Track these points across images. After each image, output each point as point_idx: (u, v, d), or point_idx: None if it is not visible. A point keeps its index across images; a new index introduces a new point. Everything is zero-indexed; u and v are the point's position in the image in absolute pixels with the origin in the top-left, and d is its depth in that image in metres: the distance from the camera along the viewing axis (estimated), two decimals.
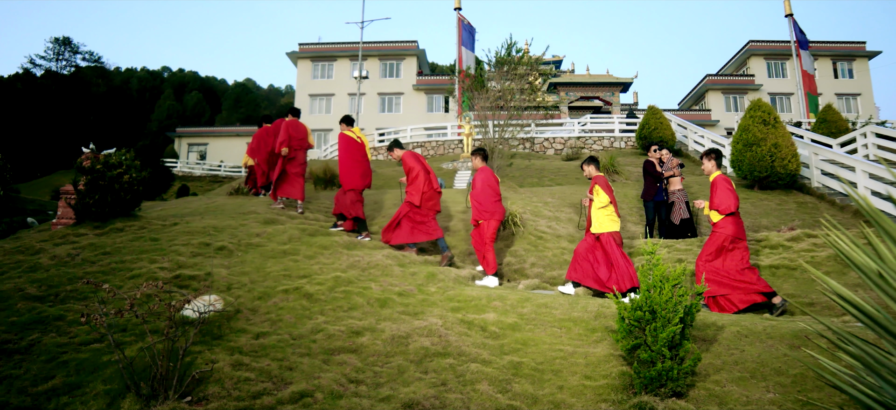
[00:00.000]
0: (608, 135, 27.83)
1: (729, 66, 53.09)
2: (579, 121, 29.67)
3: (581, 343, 5.53)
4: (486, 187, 8.41)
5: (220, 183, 41.44)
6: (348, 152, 9.71)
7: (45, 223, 12.52)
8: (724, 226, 7.15)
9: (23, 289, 6.68)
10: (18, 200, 19.55)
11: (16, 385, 4.73)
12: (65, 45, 79.17)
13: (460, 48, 29.92)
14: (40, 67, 76.58)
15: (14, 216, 15.62)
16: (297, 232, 8.97)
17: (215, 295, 6.22)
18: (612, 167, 17.77)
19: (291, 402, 4.32)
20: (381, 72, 51.75)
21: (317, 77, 52.42)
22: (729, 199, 7.14)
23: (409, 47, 51.67)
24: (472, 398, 4.45)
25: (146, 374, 4.65)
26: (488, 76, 16.66)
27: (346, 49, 51.82)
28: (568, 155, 24.69)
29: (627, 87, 40.37)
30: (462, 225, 10.75)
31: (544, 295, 7.02)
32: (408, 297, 6.70)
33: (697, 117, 46.64)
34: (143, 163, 10.63)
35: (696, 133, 23.14)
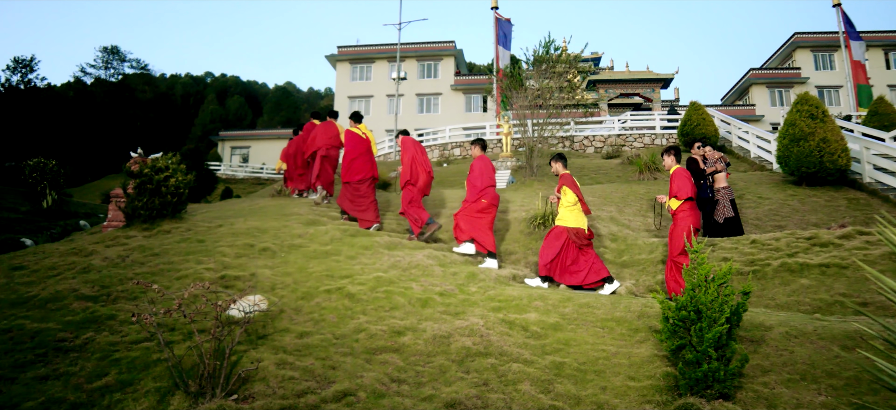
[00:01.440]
0: (649, 132, 27.42)
1: (773, 60, 51.77)
2: (619, 119, 29.31)
3: (624, 344, 5.46)
4: (481, 173, 9.07)
5: (262, 185, 42.16)
6: (352, 147, 10.31)
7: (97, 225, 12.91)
8: (683, 217, 7.66)
9: (77, 290, 6.91)
10: (71, 204, 20.22)
11: (72, 382, 4.90)
12: (113, 53, 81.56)
13: (498, 47, 29.84)
14: (90, 76, 79.12)
15: (68, 219, 16.16)
16: (339, 232, 9.07)
17: (260, 295, 6.33)
18: (654, 165, 17.49)
19: (335, 401, 4.37)
20: (418, 73, 51.95)
21: (355, 79, 52.91)
22: (686, 186, 7.71)
23: (446, 47, 51.76)
24: (513, 398, 4.44)
25: (194, 372, 4.76)
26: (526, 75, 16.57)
27: (383, 50, 52.16)
28: (608, 153, 24.39)
29: (668, 84, 39.69)
30: (501, 224, 10.72)
31: (586, 295, 6.96)
32: (449, 297, 6.72)
33: (741, 112, 45.61)
34: (188, 167, 10.89)
35: (739, 129, 22.63)
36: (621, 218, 11.73)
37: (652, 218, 11.67)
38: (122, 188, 10.51)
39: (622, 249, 9.68)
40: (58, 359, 5.33)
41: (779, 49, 50.90)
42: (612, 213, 11.95)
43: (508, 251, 9.68)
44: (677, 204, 7.76)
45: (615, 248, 9.75)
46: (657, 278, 8.37)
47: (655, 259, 9.02)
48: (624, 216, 11.89)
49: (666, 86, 40.02)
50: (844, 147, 14.06)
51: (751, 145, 21.10)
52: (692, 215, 7.71)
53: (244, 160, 56.78)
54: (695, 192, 7.78)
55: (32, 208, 17.53)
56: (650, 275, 8.53)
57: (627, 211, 12.29)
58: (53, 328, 5.88)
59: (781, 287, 7.56)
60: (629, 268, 9.02)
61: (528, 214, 10.69)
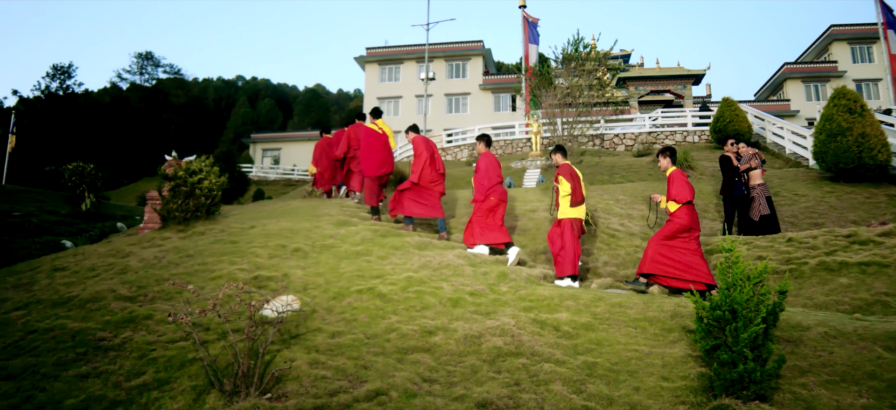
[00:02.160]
0: (681, 129, 27.04)
1: (809, 54, 50.67)
2: (650, 116, 28.98)
3: (657, 344, 5.41)
4: (488, 169, 9.11)
5: (293, 186, 42.60)
6: (369, 142, 10.55)
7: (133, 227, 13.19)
8: (680, 216, 7.68)
9: (115, 290, 7.07)
10: (109, 207, 20.68)
11: (111, 380, 5.02)
12: (147, 59, 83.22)
13: (527, 46, 29.72)
14: (126, 81, 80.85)
15: (105, 221, 16.53)
16: (370, 233, 9.12)
17: (292, 296, 6.40)
18: (686, 162, 17.26)
19: (367, 400, 4.40)
20: (447, 73, 52.00)
21: (384, 80, 53.17)
22: (684, 190, 7.68)
23: (474, 47, 51.72)
24: (545, 398, 4.43)
25: (228, 371, 4.84)
26: (555, 73, 16.49)
27: (412, 51, 52.32)
28: (639, 150, 24.11)
29: (700, 80, 39.07)
30: (532, 224, 10.68)
31: (618, 295, 6.90)
32: (480, 297, 6.71)
33: (775, 108, 44.72)
34: (221, 169, 11.07)
35: (774, 125, 22.22)
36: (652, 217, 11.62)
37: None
38: (158, 191, 10.72)
39: None
40: (98, 358, 5.46)
41: (814, 42, 49.80)
42: (643, 212, 11.83)
43: (539, 250, 9.64)
44: (676, 206, 7.77)
45: None
46: None
47: None
48: (656, 215, 11.77)
49: (697, 83, 39.43)
50: (884, 142, 13.71)
51: (786, 141, 20.70)
52: (689, 217, 7.71)
53: (275, 162, 57.46)
54: (693, 195, 7.79)
55: (72, 211, 17.97)
56: None
57: (659, 209, 12.16)
58: (93, 327, 6.02)
59: (819, 286, 7.40)
60: None
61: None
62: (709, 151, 21.90)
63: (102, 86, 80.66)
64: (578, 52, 15.30)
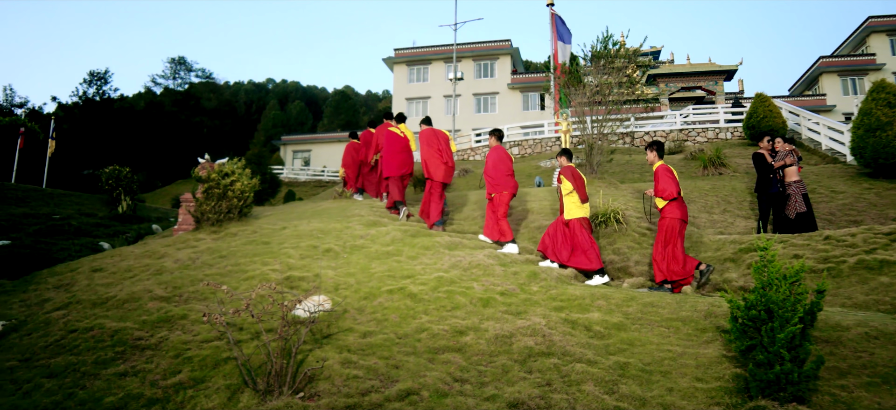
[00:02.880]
0: (712, 126, 26.62)
1: (845, 47, 49.46)
2: (681, 113, 28.59)
3: (691, 344, 5.34)
4: (498, 163, 9.23)
5: (323, 187, 42.95)
6: (389, 144, 10.95)
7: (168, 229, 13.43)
8: (671, 213, 7.90)
9: (151, 291, 7.21)
10: (144, 209, 21.10)
11: (148, 379, 5.12)
12: (180, 63, 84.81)
13: (555, 44, 29.53)
14: (159, 86, 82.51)
15: (141, 223, 16.86)
16: (400, 233, 9.16)
17: (324, 296, 6.46)
18: (718, 159, 16.98)
19: (398, 400, 4.42)
20: (475, 73, 51.95)
21: (412, 81, 53.32)
22: (670, 186, 7.86)
23: (502, 46, 51.59)
24: (577, 398, 4.40)
25: (262, 371, 4.90)
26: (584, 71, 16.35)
27: (440, 51, 52.38)
28: (670, 148, 23.80)
29: (732, 75, 38.47)
30: None
31: (650, 294, 6.82)
32: (510, 297, 6.70)
33: (810, 103, 43.76)
34: (253, 171, 11.23)
35: (809, 120, 21.74)
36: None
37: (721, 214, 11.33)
38: (192, 193, 10.91)
39: (687, 247, 9.44)
40: (135, 357, 5.58)
41: (851, 35, 48.60)
42: None
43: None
44: (663, 203, 7.97)
45: None
46: (724, 276, 8.13)
47: (722, 256, 8.77)
48: (688, 213, 11.61)
49: (729, 79, 38.82)
50: None
51: (822, 137, 20.26)
52: (679, 211, 7.94)
53: (306, 163, 58.00)
54: (679, 190, 7.96)
55: (109, 213, 18.36)
56: (717, 273, 8.29)
57: (691, 207, 11.98)
58: (130, 327, 6.15)
59: (859, 285, 7.22)
60: None
61: (589, 213, 10.54)
62: (742, 148, 21.52)
63: (137, 91, 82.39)
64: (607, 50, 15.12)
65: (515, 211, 11.45)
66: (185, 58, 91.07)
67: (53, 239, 14.16)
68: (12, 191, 21.34)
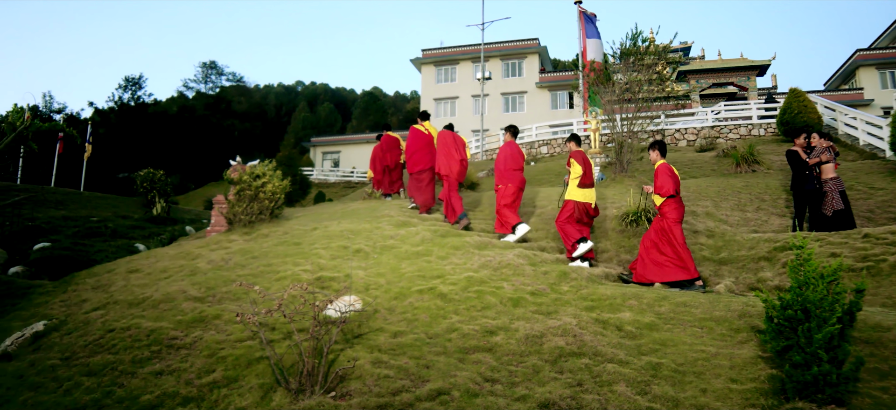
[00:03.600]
0: (745, 122, 26.15)
1: (883, 39, 48.18)
2: (712, 110, 28.15)
3: (724, 344, 5.26)
4: (508, 158, 9.58)
5: (353, 188, 43.25)
6: (414, 142, 11.17)
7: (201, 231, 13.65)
8: (669, 210, 8.03)
9: (186, 291, 7.34)
10: (178, 211, 21.48)
11: (183, 377, 5.22)
12: (211, 67, 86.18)
13: (584, 41, 29.31)
14: (191, 90, 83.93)
15: (175, 225, 17.17)
16: (430, 233, 9.18)
17: (354, 296, 6.51)
18: (751, 156, 16.68)
19: (429, 399, 4.43)
20: (503, 72, 51.82)
21: (440, 81, 53.39)
22: (668, 183, 8.02)
23: (530, 45, 51.37)
24: (609, 399, 4.37)
25: (294, 370, 4.96)
26: (613, 68, 16.21)
27: (467, 51, 52.36)
28: (701, 145, 23.45)
29: (764, 70, 37.74)
30: (595, 221, 10.53)
31: (683, 294, 6.74)
32: (541, 296, 6.67)
33: (847, 97, 42.71)
34: (283, 173, 11.36)
35: (846, 115, 21.24)
36: (718, 213, 11.27)
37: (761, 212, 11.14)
38: (224, 195, 11.07)
39: (720, 246, 9.31)
40: (170, 356, 5.69)
41: (890, 26, 47.29)
42: (707, 208, 11.51)
43: (601, 249, 9.50)
44: (660, 200, 8.11)
45: (712, 245, 9.38)
46: (758, 275, 8.00)
47: (756, 255, 8.61)
48: (721, 211, 11.42)
49: (762, 74, 38.09)
50: None
51: (859, 132, 19.77)
52: (676, 210, 8.07)
53: (335, 164, 58.47)
54: (677, 189, 8.09)
55: (144, 215, 18.74)
56: (751, 273, 8.16)
57: (724, 205, 11.80)
58: (166, 327, 6.27)
59: None
60: (728, 265, 8.66)
61: (619, 211, 10.44)
62: (776, 145, 21.12)
63: (170, 96, 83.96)
64: (637, 47, 14.96)
65: (547, 210, 11.40)
66: (216, 62, 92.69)
67: (91, 241, 14.50)
68: (52, 195, 21.89)
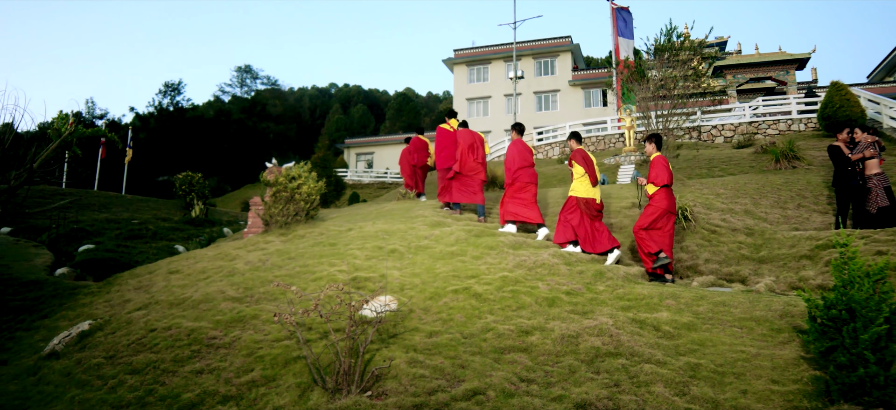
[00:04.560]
0: (784, 117, 25.58)
1: None
2: (750, 105, 27.60)
3: (765, 345, 5.15)
4: (516, 156, 9.83)
5: (386, 189, 43.50)
6: (442, 140, 11.46)
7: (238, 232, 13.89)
8: (659, 200, 8.22)
9: (224, 291, 7.47)
10: (215, 213, 21.87)
11: (223, 376, 5.31)
12: (246, 72, 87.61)
13: (617, 38, 29.04)
14: (227, 94, 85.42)
15: (213, 227, 17.49)
16: (464, 233, 9.19)
17: (390, 296, 6.55)
18: (791, 152, 16.31)
19: (465, 399, 4.43)
20: (535, 71, 51.59)
21: (472, 81, 53.38)
22: (662, 174, 8.27)
23: (562, 43, 51.04)
24: (647, 400, 4.32)
25: (330, 369, 5.01)
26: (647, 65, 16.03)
27: (499, 51, 52.26)
28: (739, 142, 23.02)
29: (804, 64, 36.84)
30: (628, 220, 10.42)
31: (721, 293, 6.63)
32: (576, 296, 6.63)
33: (892, 90, 41.45)
34: (318, 174, 11.49)
35: (891, 108, 20.64)
36: (757, 211, 11.05)
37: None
38: (260, 197, 11.23)
39: (759, 244, 9.13)
40: (210, 355, 5.80)
41: None
42: (746, 206, 11.29)
43: (635, 248, 9.40)
44: (654, 189, 8.36)
45: (751, 243, 9.21)
46: (800, 274, 7.82)
47: (798, 253, 8.42)
48: (760, 209, 11.20)
49: (801, 67, 37.21)
50: None
51: None
52: (667, 200, 8.27)
53: (369, 165, 58.90)
54: (671, 180, 8.32)
55: (183, 217, 19.12)
56: (792, 271, 7.98)
57: (763, 203, 11.56)
58: (206, 326, 6.39)
59: None
60: (768, 264, 8.49)
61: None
62: (816, 140, 20.62)
63: (206, 100, 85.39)
64: (671, 43, 14.76)
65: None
66: (251, 66, 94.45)
67: (133, 242, 14.85)
68: (95, 198, 22.49)
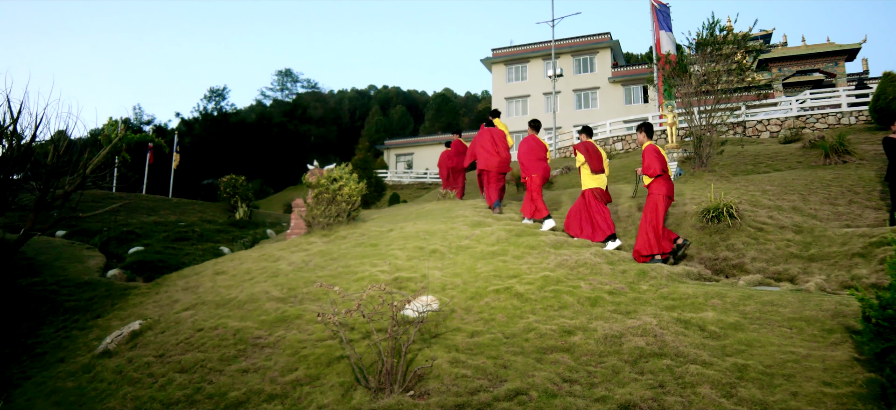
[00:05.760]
0: (833, 111, 24.80)
1: None
2: (797, 99, 26.84)
3: (816, 346, 5.01)
4: (528, 151, 10.35)
5: (426, 189, 43.63)
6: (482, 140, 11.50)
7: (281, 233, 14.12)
8: (657, 189, 8.47)
9: (268, 292, 7.61)
10: (259, 215, 22.26)
11: (268, 375, 5.42)
12: (287, 75, 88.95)
13: (657, 34, 28.52)
14: (268, 98, 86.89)
15: (256, 228, 17.81)
16: (505, 233, 9.17)
17: (431, 296, 6.58)
18: (842, 147, 15.80)
19: (507, 399, 4.43)
20: (574, 69, 51.15)
21: (511, 80, 53.21)
22: (654, 164, 8.45)
23: (601, 40, 50.49)
24: (693, 402, 4.25)
25: (373, 369, 5.07)
26: (689, 60, 15.72)
27: (537, 49, 51.97)
28: (786, 137, 22.39)
29: (854, 55, 35.65)
30: (672, 219, 10.26)
31: (769, 292, 6.46)
32: (619, 296, 6.55)
33: None
34: (359, 176, 11.62)
35: None
36: (806, 207, 10.74)
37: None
38: (302, 198, 11.40)
39: (809, 242, 8.87)
40: (255, 354, 5.92)
41: None
42: (794, 203, 10.98)
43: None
44: (649, 180, 8.58)
45: (800, 241, 8.95)
46: (853, 272, 7.57)
47: (850, 251, 8.15)
48: (809, 205, 10.88)
49: (851, 59, 36.02)
50: None
51: None
52: (664, 188, 8.48)
53: (408, 166, 59.19)
54: (663, 168, 8.47)
55: (228, 220, 19.53)
56: (844, 270, 7.73)
57: (812, 199, 11.23)
58: (251, 326, 6.52)
59: None
60: (818, 263, 8.24)
61: (699, 207, 10.13)
62: (869, 133, 19.93)
63: (249, 104, 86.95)
64: (714, 37, 14.45)
65: (623, 208, 11.19)
66: (291, 70, 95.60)
67: (180, 244, 15.22)
68: (144, 202, 23.14)
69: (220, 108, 73.15)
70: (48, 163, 9.49)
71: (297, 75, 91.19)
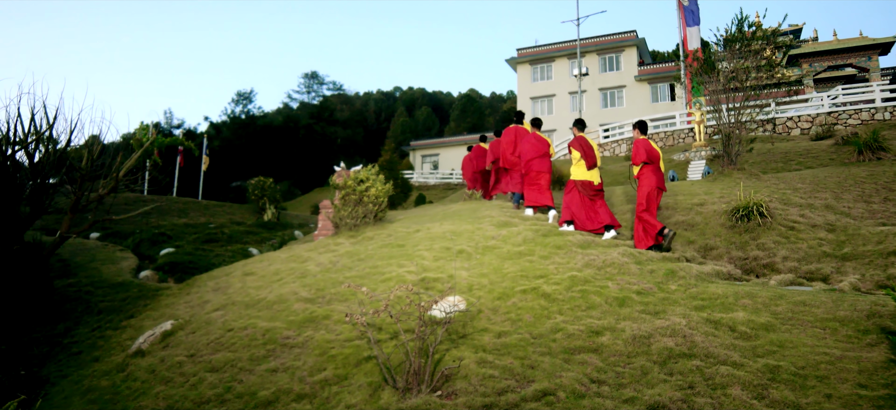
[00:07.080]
0: (867, 106, 24.25)
1: None
2: (828, 94, 26.33)
3: (851, 347, 4.92)
4: (527, 149, 10.72)
5: (452, 190, 43.67)
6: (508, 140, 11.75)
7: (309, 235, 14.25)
8: (646, 177, 8.93)
9: (297, 293, 7.69)
10: (286, 216, 22.50)
11: (296, 375, 5.48)
12: (313, 78, 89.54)
13: (685, 31, 28.25)
14: (295, 100, 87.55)
15: (284, 230, 18.01)
16: (531, 233, 9.15)
17: (458, 296, 6.59)
18: (876, 143, 15.47)
19: (535, 400, 4.43)
20: (600, 67, 50.74)
21: (536, 79, 52.97)
22: (640, 154, 8.99)
23: (627, 38, 50.01)
24: (723, 403, 4.20)
25: (400, 369, 5.10)
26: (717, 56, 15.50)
27: (563, 48, 51.67)
28: (817, 133, 21.98)
29: (888, 49, 34.76)
30: (700, 218, 10.14)
31: (801, 292, 6.36)
32: (647, 296, 6.50)
33: None
34: (385, 177, 11.68)
35: None
36: (839, 205, 10.53)
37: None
38: (330, 200, 11.50)
39: (842, 240, 8.70)
40: (284, 354, 5.99)
41: None
42: (827, 200, 10.77)
43: (709, 245, 9.13)
44: (636, 169, 9.12)
45: (834, 239, 8.78)
46: (888, 272, 7.41)
47: (885, 250, 7.98)
48: (841, 203, 10.67)
49: (885, 53, 35.15)
50: None
51: None
52: (653, 177, 8.92)
53: (434, 167, 59.26)
54: (651, 157, 8.92)
55: (256, 221, 19.76)
56: (880, 269, 7.57)
57: (845, 197, 11.01)
58: (280, 327, 6.60)
59: None
60: (852, 262, 8.07)
61: (728, 206, 9.99)
62: None
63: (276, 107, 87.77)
64: (743, 33, 14.23)
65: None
66: (317, 72, 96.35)
67: (209, 246, 15.46)
68: (174, 204, 23.52)
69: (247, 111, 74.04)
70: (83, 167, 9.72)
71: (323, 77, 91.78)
